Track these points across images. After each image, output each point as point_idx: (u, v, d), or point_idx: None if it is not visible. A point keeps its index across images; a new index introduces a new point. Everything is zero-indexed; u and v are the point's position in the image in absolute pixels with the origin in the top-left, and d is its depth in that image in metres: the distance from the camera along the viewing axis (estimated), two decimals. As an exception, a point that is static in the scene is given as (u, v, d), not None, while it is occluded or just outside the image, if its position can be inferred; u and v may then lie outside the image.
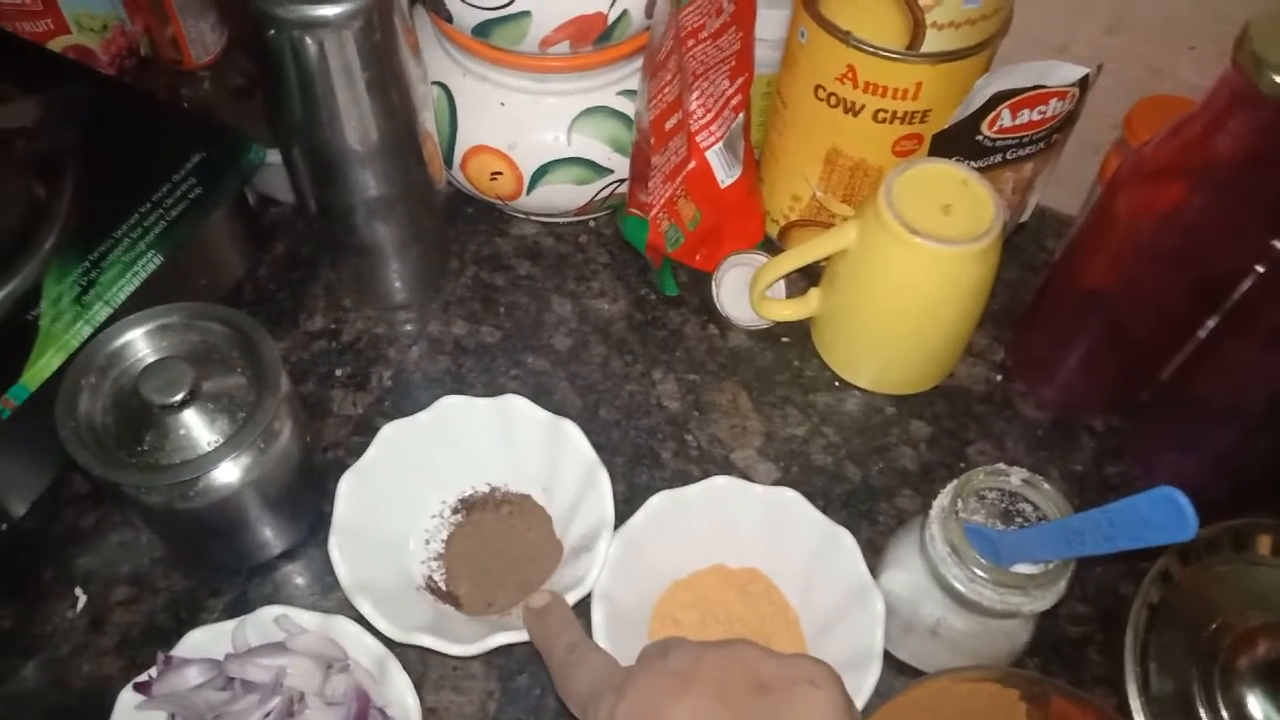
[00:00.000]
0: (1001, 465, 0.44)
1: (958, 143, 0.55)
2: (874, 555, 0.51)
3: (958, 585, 0.43)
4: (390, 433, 0.52)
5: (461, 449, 0.54)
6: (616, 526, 0.50)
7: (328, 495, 0.51)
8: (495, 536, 0.53)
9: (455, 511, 0.54)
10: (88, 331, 0.49)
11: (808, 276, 0.63)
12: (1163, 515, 0.35)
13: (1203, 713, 0.48)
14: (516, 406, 0.53)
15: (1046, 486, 0.43)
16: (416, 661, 0.50)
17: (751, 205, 0.64)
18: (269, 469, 0.47)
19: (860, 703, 0.45)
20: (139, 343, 0.47)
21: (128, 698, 0.44)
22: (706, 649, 0.36)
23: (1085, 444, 0.59)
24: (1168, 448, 0.58)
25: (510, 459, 0.54)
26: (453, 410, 0.53)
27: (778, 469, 0.57)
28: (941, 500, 0.44)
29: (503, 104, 0.58)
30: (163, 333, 0.47)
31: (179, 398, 0.44)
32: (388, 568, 0.51)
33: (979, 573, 0.42)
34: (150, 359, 0.46)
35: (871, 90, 0.53)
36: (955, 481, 0.44)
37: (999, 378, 0.61)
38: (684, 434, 0.59)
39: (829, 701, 0.34)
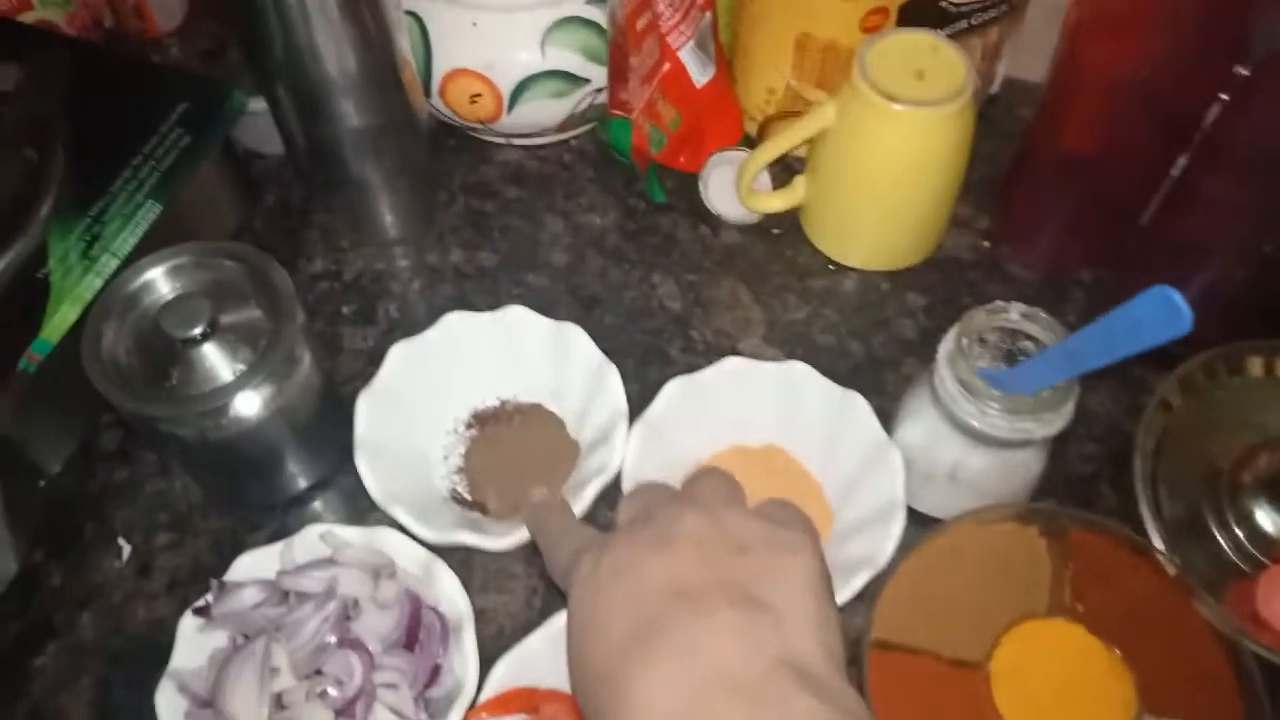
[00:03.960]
0: (1000, 302, 0.46)
1: (923, 13, 0.56)
2: (886, 421, 0.52)
3: (971, 420, 0.45)
4: (399, 352, 0.53)
5: (469, 364, 0.55)
6: (635, 419, 0.51)
7: (351, 427, 0.52)
8: (511, 446, 0.55)
9: (469, 427, 0.56)
10: (99, 283, 0.50)
11: (790, 170, 0.64)
12: (1156, 314, 0.37)
13: (1214, 529, 0.50)
14: (519, 316, 0.54)
15: (1044, 315, 0.45)
16: (459, 568, 0.51)
17: (728, 103, 0.65)
18: (294, 396, 0.49)
19: (888, 550, 0.47)
20: (154, 284, 0.48)
21: (188, 623, 0.46)
22: (687, 511, 0.36)
23: (1076, 296, 0.61)
24: (1155, 290, 0.60)
25: (517, 369, 0.55)
26: (457, 326, 0.54)
27: (784, 353, 0.59)
28: (946, 344, 0.46)
29: (475, 24, 0.58)
30: (176, 273, 0.48)
31: (199, 330, 0.46)
32: (414, 481, 0.52)
33: (990, 404, 0.44)
34: (167, 298, 0.47)
35: (835, -34, 0.54)
36: (958, 324, 0.46)
37: (986, 244, 0.63)
38: (689, 330, 0.60)
39: (804, 567, 0.35)
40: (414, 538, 0.48)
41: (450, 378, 0.55)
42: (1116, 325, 0.39)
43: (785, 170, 0.64)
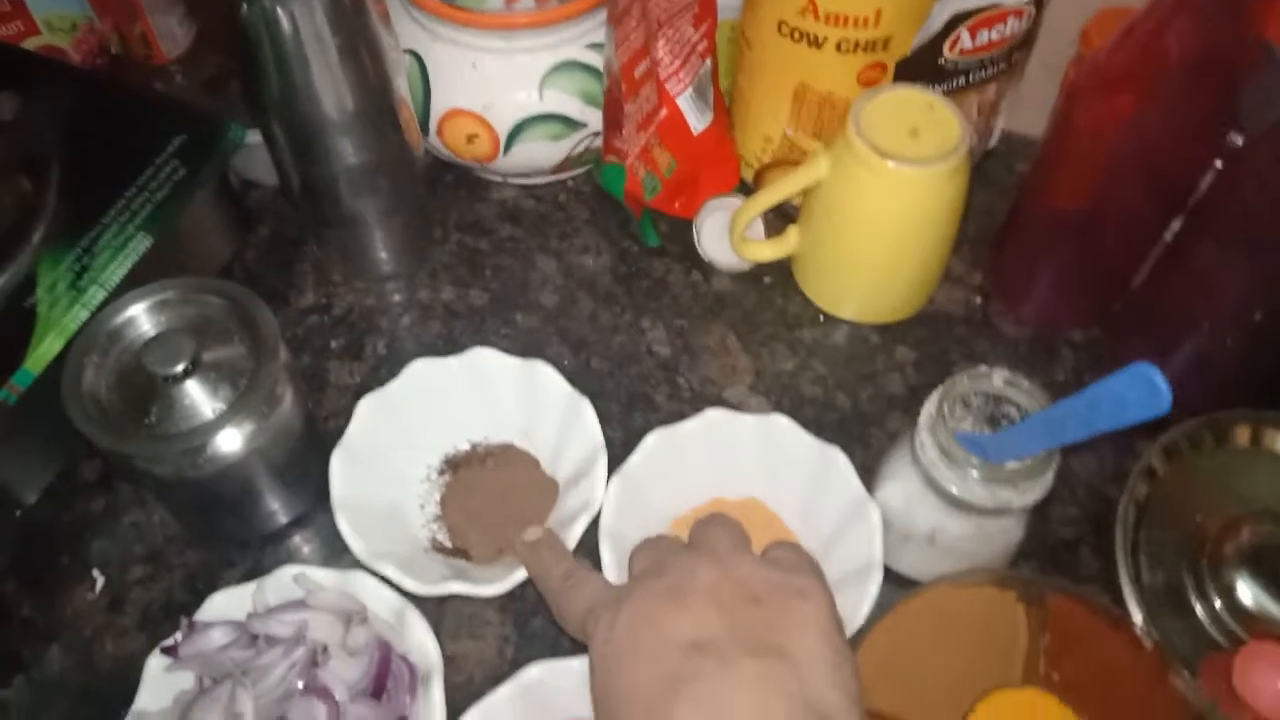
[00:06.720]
0: (984, 368, 0.45)
1: (921, 68, 0.56)
2: (868, 478, 0.52)
3: (950, 487, 0.44)
4: (367, 406, 0.53)
5: (438, 410, 0.54)
6: (616, 469, 0.51)
7: (331, 464, 0.52)
8: (487, 490, 0.54)
9: (442, 474, 0.55)
10: (85, 315, 0.50)
11: (785, 217, 0.64)
12: (1137, 391, 0.37)
13: (1194, 601, 0.49)
14: (485, 359, 0.54)
15: (1026, 383, 0.45)
16: (432, 612, 0.50)
17: (725, 150, 0.65)
18: (274, 435, 0.48)
19: (863, 612, 0.47)
20: (139, 319, 0.48)
21: (155, 663, 0.45)
22: (699, 562, 0.37)
23: (1066, 356, 0.61)
24: (1144, 354, 0.58)
25: (487, 411, 0.55)
26: (424, 373, 0.54)
27: (769, 403, 0.59)
28: (928, 408, 0.46)
29: (474, 66, 0.59)
30: (160, 308, 0.48)
31: (181, 368, 0.45)
32: (394, 535, 0.52)
33: (970, 472, 0.44)
34: (151, 334, 0.47)
35: (833, 21, 0.54)
36: (940, 388, 0.46)
37: (978, 300, 0.63)
38: (676, 377, 0.60)
39: (817, 612, 0.36)
40: (394, 586, 0.48)
41: (419, 426, 0.54)
42: (1097, 399, 0.39)
43: (781, 217, 0.64)
